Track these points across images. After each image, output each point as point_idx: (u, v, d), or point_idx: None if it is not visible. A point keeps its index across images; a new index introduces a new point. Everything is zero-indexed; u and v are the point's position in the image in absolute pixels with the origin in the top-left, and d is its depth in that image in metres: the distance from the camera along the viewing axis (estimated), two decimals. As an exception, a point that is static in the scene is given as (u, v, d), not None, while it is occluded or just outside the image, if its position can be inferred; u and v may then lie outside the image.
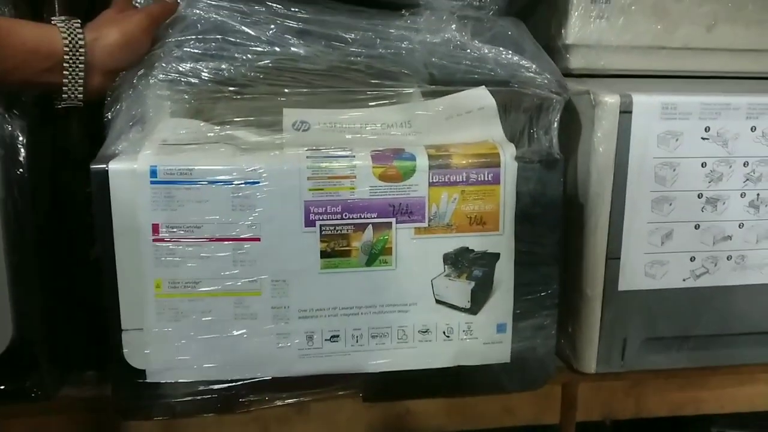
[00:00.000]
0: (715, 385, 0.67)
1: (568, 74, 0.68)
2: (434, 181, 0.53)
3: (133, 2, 0.60)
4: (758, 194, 0.60)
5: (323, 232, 0.53)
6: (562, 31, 0.67)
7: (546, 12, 0.70)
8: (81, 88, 0.52)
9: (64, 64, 0.50)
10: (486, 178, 0.54)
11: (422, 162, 0.53)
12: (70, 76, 0.51)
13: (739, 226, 0.61)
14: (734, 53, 0.70)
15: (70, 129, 0.59)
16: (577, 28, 0.67)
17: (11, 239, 0.53)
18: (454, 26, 0.62)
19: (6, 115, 0.52)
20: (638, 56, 0.69)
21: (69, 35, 0.50)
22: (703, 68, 0.70)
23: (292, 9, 0.61)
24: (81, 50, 0.51)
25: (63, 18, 0.52)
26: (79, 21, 0.52)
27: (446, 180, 0.53)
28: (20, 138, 0.53)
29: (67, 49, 0.50)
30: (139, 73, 0.55)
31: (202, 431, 0.60)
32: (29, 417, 0.60)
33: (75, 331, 0.61)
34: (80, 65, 0.51)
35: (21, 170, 0.53)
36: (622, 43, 0.68)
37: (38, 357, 0.58)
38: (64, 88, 0.51)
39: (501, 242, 0.55)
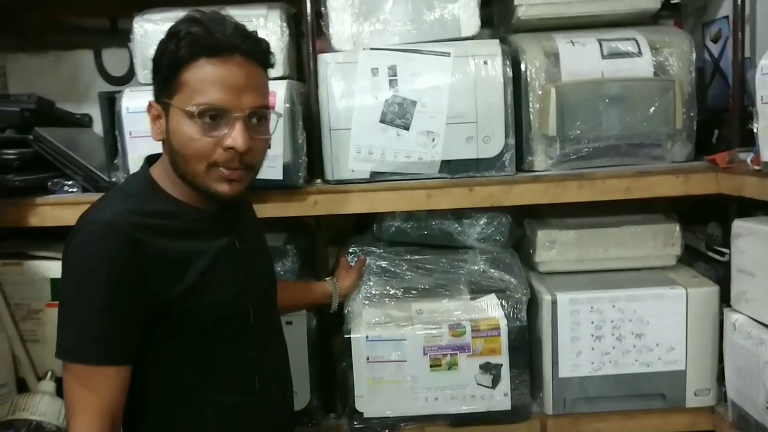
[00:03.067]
0: (615, 419, 1.41)
1: (538, 272, 1.48)
2: (473, 336, 1.34)
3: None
4: (620, 334, 1.36)
5: (431, 357, 1.34)
6: (535, 255, 1.46)
7: (527, 244, 1.49)
8: (336, 306, 1.38)
9: (331, 299, 1.36)
10: (495, 334, 1.34)
11: (468, 329, 1.34)
12: (332, 303, 1.37)
13: (613, 347, 1.37)
14: (621, 259, 1.47)
15: (328, 316, 1.45)
16: (542, 255, 1.45)
17: (311, 355, 1.39)
18: (481, 261, 1.44)
19: (310, 315, 1.39)
20: (573, 264, 1.47)
21: (333, 287, 1.37)
22: (603, 267, 1.47)
23: (415, 256, 1.45)
24: (337, 294, 1.37)
25: (331, 278, 1.38)
26: (336, 278, 1.38)
27: (478, 335, 1.34)
28: (313, 321, 1.39)
29: (333, 294, 1.36)
30: (354, 294, 1.41)
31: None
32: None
33: (325, 394, 1.46)
34: (337, 297, 1.37)
35: (312, 333, 1.39)
36: (564, 258, 1.46)
37: (315, 408, 1.43)
38: (331, 307, 1.37)
39: (503, 359, 1.34)
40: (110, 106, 1.33)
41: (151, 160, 1.02)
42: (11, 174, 1.32)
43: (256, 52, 0.96)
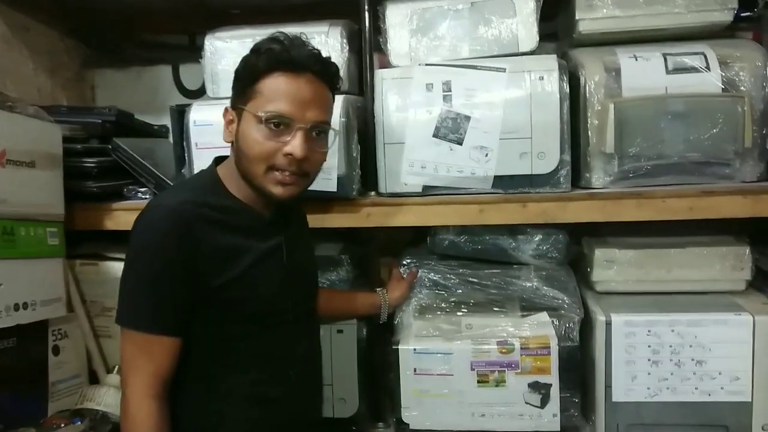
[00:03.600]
0: (673, 449, 1.35)
1: (595, 291, 1.44)
2: (522, 353, 1.32)
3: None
4: (679, 359, 1.30)
5: (478, 372, 1.34)
6: (592, 274, 1.43)
7: (584, 261, 1.46)
8: (386, 316, 1.39)
9: (381, 310, 1.38)
10: (545, 353, 1.32)
11: (517, 346, 1.32)
12: (381, 313, 1.39)
13: (671, 373, 1.31)
14: (684, 282, 1.40)
15: (379, 326, 1.47)
16: (599, 274, 1.41)
17: (361, 363, 1.41)
18: (535, 278, 1.42)
19: (360, 324, 1.41)
20: (632, 285, 1.42)
21: (383, 298, 1.39)
22: (665, 289, 1.41)
23: (467, 270, 1.45)
24: (386, 303, 1.39)
25: (381, 289, 1.40)
26: (386, 289, 1.40)
27: (527, 353, 1.32)
28: (363, 330, 1.42)
29: (382, 305, 1.38)
30: (405, 305, 1.42)
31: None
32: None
33: (374, 403, 1.48)
34: (386, 308, 1.39)
35: (363, 342, 1.42)
36: (623, 278, 1.41)
37: (364, 416, 1.45)
38: (380, 317, 1.39)
39: (552, 379, 1.32)
40: (180, 118, 1.41)
41: (219, 160, 1.12)
42: (90, 181, 1.43)
43: (326, 73, 1.06)
